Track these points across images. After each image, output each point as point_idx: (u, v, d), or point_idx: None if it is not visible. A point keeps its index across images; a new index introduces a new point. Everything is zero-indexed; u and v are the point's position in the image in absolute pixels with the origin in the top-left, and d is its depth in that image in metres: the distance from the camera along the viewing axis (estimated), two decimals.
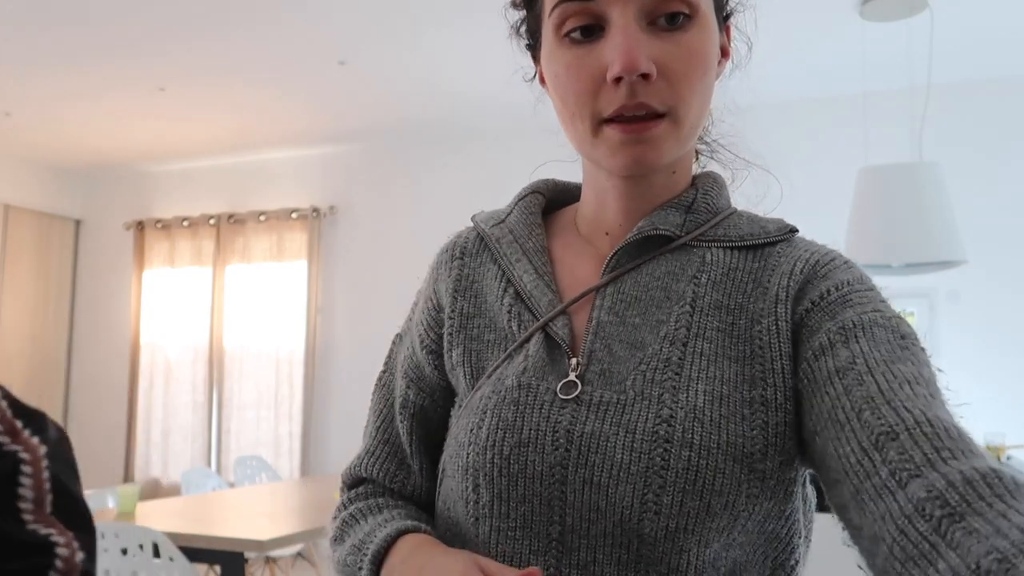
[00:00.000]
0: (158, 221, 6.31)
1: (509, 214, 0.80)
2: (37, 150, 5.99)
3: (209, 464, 5.90)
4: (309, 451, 5.68)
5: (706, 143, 0.82)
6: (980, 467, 0.48)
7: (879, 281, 0.73)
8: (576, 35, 0.66)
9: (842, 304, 0.65)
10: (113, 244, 6.51)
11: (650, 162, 0.67)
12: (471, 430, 0.69)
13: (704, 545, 0.62)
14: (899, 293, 4.36)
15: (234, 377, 5.95)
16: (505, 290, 0.75)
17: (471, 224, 0.83)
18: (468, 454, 0.68)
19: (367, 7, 3.69)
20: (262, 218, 5.99)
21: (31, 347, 6.20)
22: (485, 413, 0.68)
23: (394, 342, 0.86)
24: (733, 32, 0.76)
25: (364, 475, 0.81)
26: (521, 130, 5.27)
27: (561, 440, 0.64)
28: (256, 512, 3.20)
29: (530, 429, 0.65)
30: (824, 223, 4.36)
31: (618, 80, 0.64)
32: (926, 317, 4.36)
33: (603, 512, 0.62)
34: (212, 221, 6.13)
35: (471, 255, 0.79)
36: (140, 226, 6.36)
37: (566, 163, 0.85)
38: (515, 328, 0.72)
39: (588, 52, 0.66)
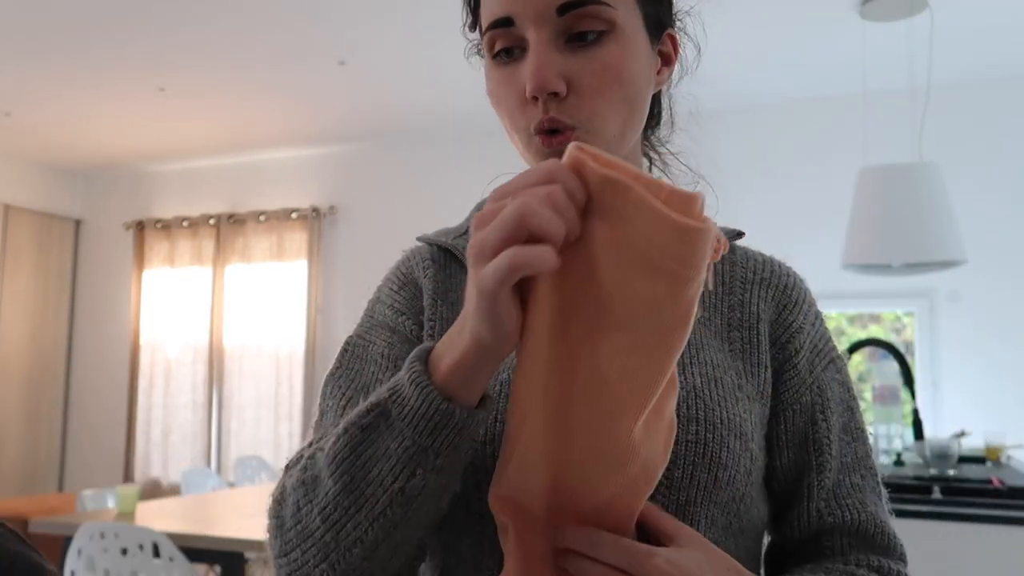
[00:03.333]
0: (158, 221, 6.32)
1: (470, 227, 0.82)
2: (37, 150, 5.99)
3: (209, 464, 5.90)
4: None
5: (657, 153, 0.86)
6: (873, 563, 0.71)
7: (879, 281, 0.81)
8: (502, 56, 0.71)
9: (815, 354, 0.78)
10: (113, 244, 6.51)
11: None
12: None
13: (711, 523, 0.66)
14: (899, 293, 4.36)
15: (234, 377, 5.95)
16: None
17: (419, 244, 0.86)
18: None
19: (367, 7, 3.69)
20: (262, 218, 5.99)
21: (31, 347, 6.20)
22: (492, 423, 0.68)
23: (349, 344, 0.80)
24: (682, 38, 0.79)
25: None
26: None
27: None
28: (256, 512, 3.20)
29: None
30: (824, 223, 4.38)
31: (534, 98, 0.68)
32: (926, 317, 4.36)
33: None
34: (212, 221, 6.13)
35: (440, 265, 0.81)
36: (140, 226, 6.36)
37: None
38: None
39: (513, 71, 0.70)
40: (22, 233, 6.19)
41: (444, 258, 0.82)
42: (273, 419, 5.79)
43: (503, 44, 0.70)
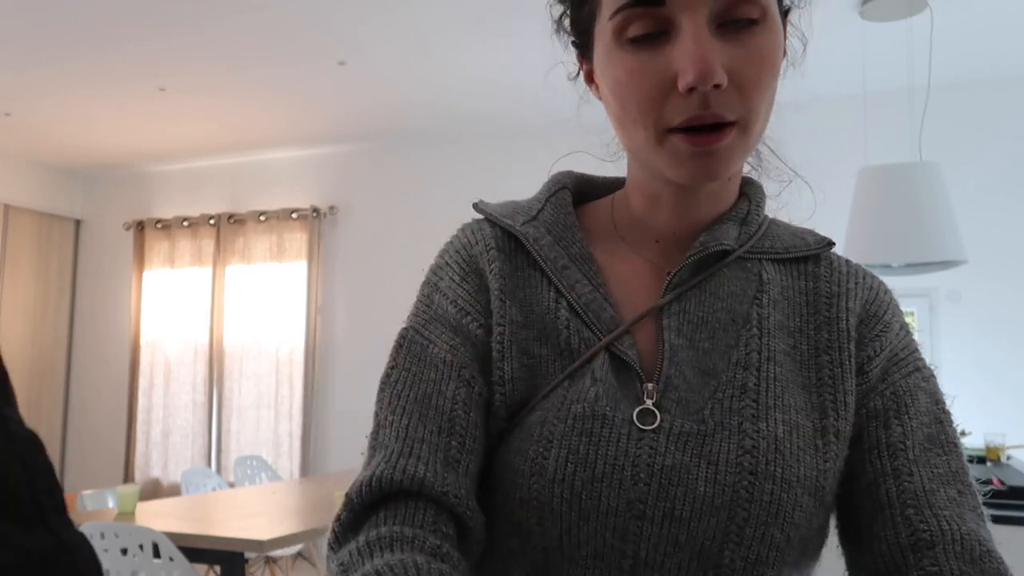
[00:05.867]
0: (158, 221, 6.32)
1: (540, 211, 0.74)
2: (37, 150, 5.99)
3: (209, 464, 5.90)
4: (309, 451, 5.68)
5: (769, 148, 0.81)
6: None
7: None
8: (640, 39, 0.62)
9: (893, 362, 0.70)
10: (113, 244, 6.51)
11: (718, 174, 0.64)
12: (534, 459, 0.63)
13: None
14: (899, 293, 4.33)
15: (234, 377, 5.95)
16: (557, 301, 0.69)
17: (479, 219, 0.76)
18: (530, 486, 0.63)
19: (367, 7, 3.69)
20: (262, 218, 5.99)
21: (31, 347, 6.20)
22: (551, 442, 0.63)
23: (405, 339, 0.71)
24: (789, 28, 0.74)
25: (404, 479, 0.61)
26: (521, 130, 5.27)
27: (641, 475, 0.62)
28: (256, 512, 3.20)
29: (605, 463, 0.62)
30: (824, 223, 4.37)
31: (690, 89, 0.60)
32: (926, 317, 4.36)
33: (682, 545, 0.61)
34: (212, 221, 6.13)
35: (507, 253, 0.72)
36: (140, 226, 6.36)
37: (595, 159, 0.80)
38: (575, 345, 0.67)
39: (653, 57, 0.62)
40: (22, 233, 6.19)
41: (511, 245, 0.73)
42: (273, 419, 5.79)
43: (644, 27, 0.62)
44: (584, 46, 0.70)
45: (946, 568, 0.60)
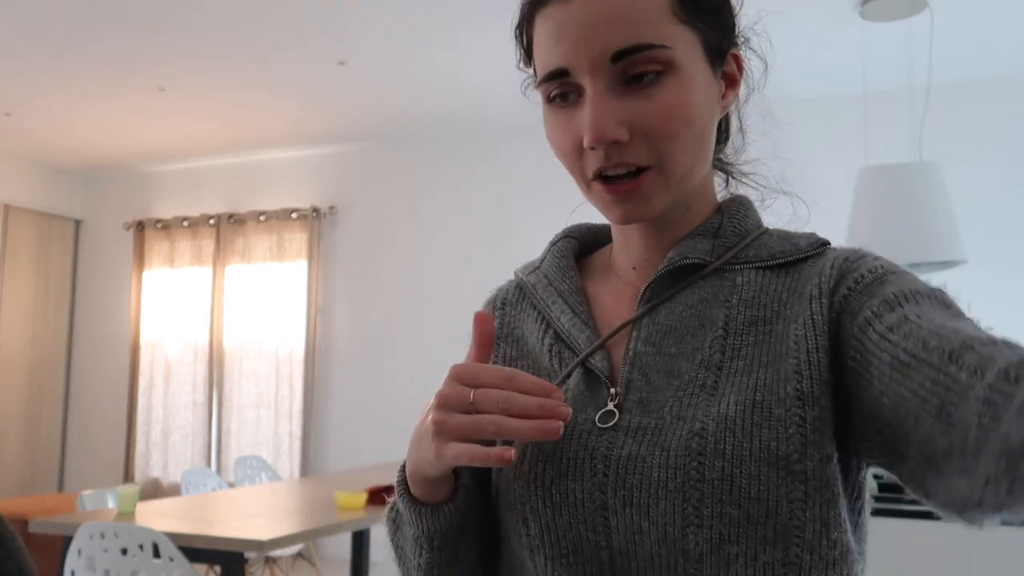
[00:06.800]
0: (158, 221, 6.32)
1: (543, 260, 0.85)
2: (37, 150, 5.99)
3: (209, 464, 5.90)
4: (309, 451, 5.68)
5: (730, 172, 0.84)
6: None
7: None
8: (558, 100, 0.71)
9: (880, 283, 0.66)
10: (113, 244, 6.51)
11: (641, 215, 0.71)
12: (515, 465, 0.71)
13: (752, 557, 0.62)
14: None
15: (234, 377, 5.95)
16: (545, 332, 0.79)
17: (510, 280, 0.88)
18: (515, 488, 0.70)
19: (367, 7, 3.69)
20: (262, 218, 5.99)
21: (31, 347, 6.20)
22: (527, 447, 0.71)
23: None
24: (747, 54, 0.77)
25: None
26: (521, 131, 5.26)
27: (599, 465, 0.67)
28: (256, 512, 3.20)
29: (568, 458, 0.68)
30: (824, 223, 4.37)
31: (592, 147, 0.68)
32: None
33: (646, 532, 0.64)
34: (212, 221, 6.14)
35: (511, 304, 0.84)
36: (140, 226, 6.36)
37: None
38: (557, 366, 0.76)
39: (571, 117, 0.70)
40: (22, 233, 6.19)
41: (519, 295, 0.85)
42: (273, 419, 5.79)
43: (559, 91, 0.70)
44: None
45: (999, 355, 0.51)
